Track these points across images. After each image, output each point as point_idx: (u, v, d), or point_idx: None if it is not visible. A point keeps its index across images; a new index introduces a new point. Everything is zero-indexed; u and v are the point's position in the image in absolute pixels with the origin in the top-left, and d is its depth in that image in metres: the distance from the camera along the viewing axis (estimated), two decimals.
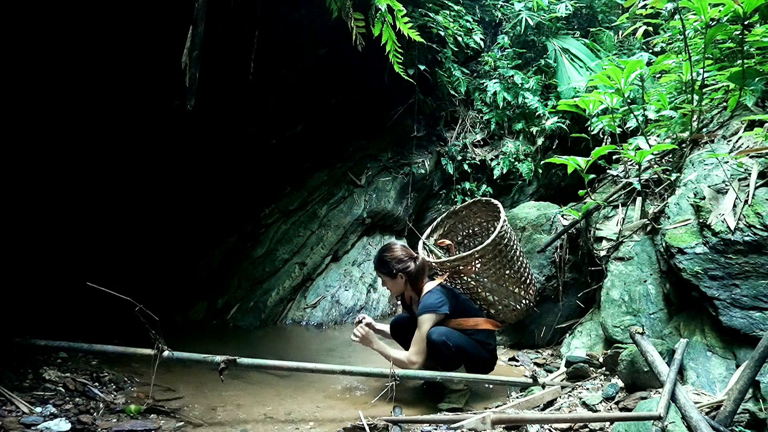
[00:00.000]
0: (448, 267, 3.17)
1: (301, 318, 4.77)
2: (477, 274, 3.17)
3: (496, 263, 3.15)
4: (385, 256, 3.15)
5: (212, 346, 3.51)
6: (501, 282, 3.21)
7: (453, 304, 3.03)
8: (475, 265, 3.16)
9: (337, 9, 3.30)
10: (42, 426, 2.30)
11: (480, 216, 3.62)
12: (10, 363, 2.80)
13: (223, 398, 2.89)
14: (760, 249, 2.57)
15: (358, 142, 5.94)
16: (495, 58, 6.51)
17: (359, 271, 5.26)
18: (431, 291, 3.04)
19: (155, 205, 4.35)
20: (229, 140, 4.68)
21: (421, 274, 3.12)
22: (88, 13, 2.97)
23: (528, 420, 2.33)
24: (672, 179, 3.52)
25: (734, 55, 3.75)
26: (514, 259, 3.22)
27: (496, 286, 3.20)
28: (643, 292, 3.19)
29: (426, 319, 2.95)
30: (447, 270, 3.20)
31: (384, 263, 3.14)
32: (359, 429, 2.45)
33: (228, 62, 3.83)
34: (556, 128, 6.05)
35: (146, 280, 4.02)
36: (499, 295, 3.23)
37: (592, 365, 3.11)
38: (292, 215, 5.32)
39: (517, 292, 3.26)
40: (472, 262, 3.14)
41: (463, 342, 2.99)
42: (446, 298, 3.02)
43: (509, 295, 3.24)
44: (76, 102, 3.28)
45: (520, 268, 3.27)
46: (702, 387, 2.42)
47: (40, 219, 3.53)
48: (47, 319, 3.34)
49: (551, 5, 6.49)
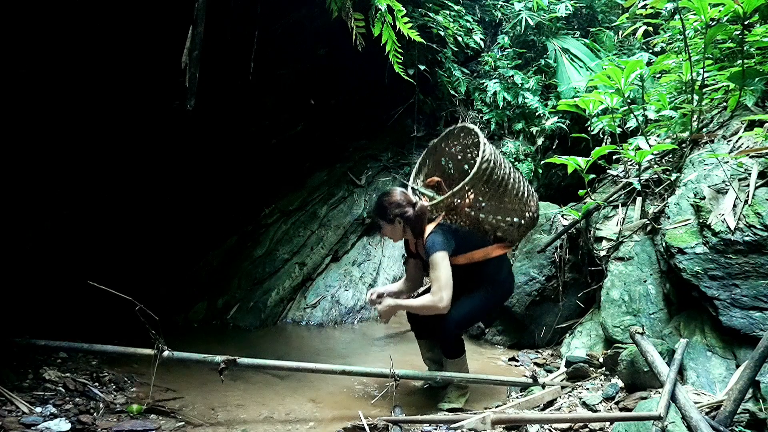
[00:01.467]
0: (443, 206, 3.04)
1: (301, 318, 4.77)
2: (472, 205, 3.05)
3: (489, 187, 3.00)
4: (384, 201, 3.02)
5: (212, 346, 3.51)
6: (499, 203, 3.08)
7: (457, 241, 2.95)
8: (468, 197, 3.02)
9: (336, 9, 3.30)
10: (42, 426, 2.30)
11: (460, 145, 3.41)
12: (10, 363, 2.80)
13: (223, 398, 2.89)
14: (760, 249, 2.57)
15: (358, 142, 5.94)
16: (495, 58, 6.50)
17: (359, 271, 5.27)
18: (432, 233, 2.94)
19: (155, 205, 4.35)
20: (229, 140, 4.68)
21: (421, 220, 2.99)
22: (88, 13, 2.97)
23: (528, 420, 2.33)
24: (672, 179, 3.52)
25: (734, 55, 3.75)
26: (506, 177, 3.05)
27: (495, 207, 3.08)
28: (643, 292, 3.19)
29: (438, 257, 2.84)
30: (442, 209, 3.07)
31: (382, 209, 3.01)
32: (359, 429, 2.45)
33: (228, 62, 3.83)
34: (556, 128, 6.05)
35: (146, 280, 4.02)
36: (501, 215, 3.11)
37: (592, 365, 3.11)
38: (292, 215, 5.32)
39: (518, 208, 3.12)
40: (464, 195, 3.00)
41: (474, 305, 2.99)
42: (448, 236, 2.93)
43: (510, 212, 3.12)
44: (77, 102, 3.28)
45: (516, 183, 3.10)
46: (702, 387, 2.42)
47: (40, 218, 3.53)
48: (47, 319, 3.34)
49: (551, 5, 6.49)
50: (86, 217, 3.82)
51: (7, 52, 2.79)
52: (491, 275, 3.05)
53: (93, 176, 3.70)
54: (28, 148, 3.19)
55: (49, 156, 3.33)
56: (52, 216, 3.59)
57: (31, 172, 3.27)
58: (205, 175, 4.67)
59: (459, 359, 3.00)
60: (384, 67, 4.46)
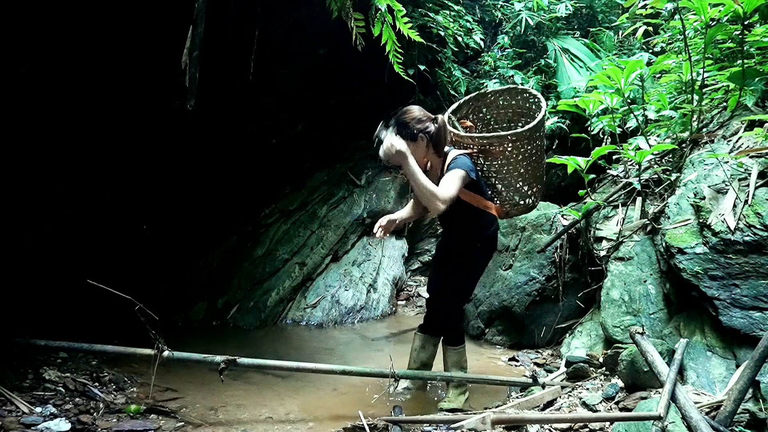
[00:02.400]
0: (478, 143, 2.99)
1: (301, 318, 4.77)
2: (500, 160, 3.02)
3: (523, 152, 2.98)
4: (404, 118, 2.86)
5: (212, 346, 3.51)
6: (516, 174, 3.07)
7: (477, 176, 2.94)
8: (506, 148, 2.97)
9: (336, 9, 3.30)
10: (42, 426, 2.30)
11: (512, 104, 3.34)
12: (10, 363, 2.80)
13: (223, 398, 2.89)
14: (760, 249, 2.57)
15: (358, 142, 5.93)
16: (495, 58, 6.50)
17: (359, 271, 5.27)
18: (461, 155, 2.89)
19: (155, 205, 4.35)
20: (229, 140, 4.68)
21: (443, 137, 2.91)
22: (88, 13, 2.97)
23: (528, 420, 2.33)
24: (672, 179, 3.52)
25: (734, 55, 3.75)
26: (538, 153, 3.07)
27: (510, 177, 3.08)
28: (643, 292, 3.19)
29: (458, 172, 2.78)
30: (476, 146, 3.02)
31: (404, 124, 2.83)
32: (359, 429, 2.46)
33: (228, 62, 3.83)
34: (556, 128, 6.05)
35: (146, 280, 4.02)
36: (508, 188, 3.12)
37: (592, 365, 3.11)
38: (292, 215, 5.32)
39: (525, 190, 3.13)
40: (504, 144, 2.96)
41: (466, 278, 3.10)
42: (473, 166, 2.91)
43: (517, 190, 3.13)
44: (77, 102, 3.28)
45: (539, 165, 3.11)
46: (702, 387, 2.42)
47: (40, 218, 3.53)
48: (47, 319, 3.34)
49: (551, 5, 6.49)
50: (86, 217, 3.82)
51: (7, 52, 2.79)
52: (482, 226, 3.04)
53: (93, 176, 3.70)
54: (29, 148, 3.19)
55: (50, 156, 3.33)
56: (52, 216, 3.59)
57: (31, 172, 3.27)
58: (205, 175, 4.67)
59: (461, 348, 3.12)
60: (384, 67, 4.46)
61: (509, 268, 4.37)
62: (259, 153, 5.04)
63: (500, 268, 4.44)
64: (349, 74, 5.32)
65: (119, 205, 4.06)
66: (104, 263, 3.79)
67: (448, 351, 3.12)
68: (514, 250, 4.44)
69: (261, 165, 5.11)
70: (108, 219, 4.02)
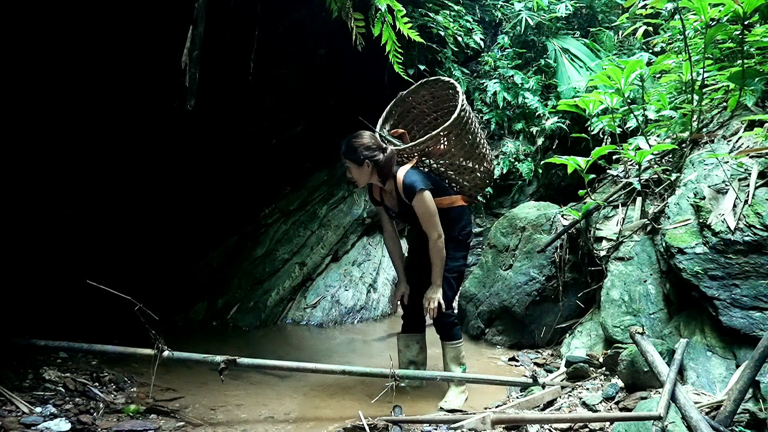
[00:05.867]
0: (417, 150, 3.11)
1: (301, 318, 4.77)
2: (443, 154, 3.16)
3: (462, 137, 3.11)
4: (354, 143, 3.04)
5: (212, 346, 3.51)
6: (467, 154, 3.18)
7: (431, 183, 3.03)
8: (442, 143, 3.12)
9: (337, 9, 3.30)
10: (42, 426, 2.30)
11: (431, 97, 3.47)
12: (10, 363, 2.80)
13: (223, 398, 2.89)
14: (760, 249, 2.57)
15: None
16: (495, 58, 6.50)
17: (359, 271, 5.27)
18: (409, 172, 3.00)
19: (155, 205, 4.35)
20: (229, 140, 4.67)
21: (389, 165, 3.02)
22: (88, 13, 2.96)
23: (528, 420, 2.33)
24: (672, 179, 3.52)
25: (734, 55, 3.75)
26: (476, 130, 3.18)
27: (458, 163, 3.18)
28: (643, 292, 3.19)
29: (423, 197, 2.93)
30: (415, 154, 3.14)
31: (351, 149, 3.02)
32: (359, 429, 2.46)
33: (228, 62, 3.83)
34: (556, 128, 6.05)
35: (146, 281, 4.02)
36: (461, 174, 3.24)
37: (592, 365, 3.11)
38: (292, 215, 5.31)
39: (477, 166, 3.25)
40: (441, 140, 3.10)
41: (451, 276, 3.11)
42: (424, 176, 3.02)
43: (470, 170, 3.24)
44: (77, 102, 3.28)
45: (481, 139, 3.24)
46: (702, 387, 2.42)
47: (40, 218, 3.53)
48: (47, 319, 3.34)
49: (551, 5, 6.48)
50: (86, 217, 3.82)
51: (7, 52, 2.79)
52: (454, 221, 3.13)
53: (93, 176, 3.70)
54: (29, 148, 3.19)
55: (50, 156, 3.33)
56: (52, 216, 3.59)
57: (31, 172, 3.27)
58: (205, 175, 4.67)
59: (458, 343, 3.13)
60: (384, 67, 4.46)
61: (509, 268, 4.37)
62: (259, 153, 5.04)
63: (500, 268, 4.44)
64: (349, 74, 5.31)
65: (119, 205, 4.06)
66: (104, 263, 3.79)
67: (446, 347, 3.14)
68: (514, 250, 4.44)
69: (261, 165, 5.11)
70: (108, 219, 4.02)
